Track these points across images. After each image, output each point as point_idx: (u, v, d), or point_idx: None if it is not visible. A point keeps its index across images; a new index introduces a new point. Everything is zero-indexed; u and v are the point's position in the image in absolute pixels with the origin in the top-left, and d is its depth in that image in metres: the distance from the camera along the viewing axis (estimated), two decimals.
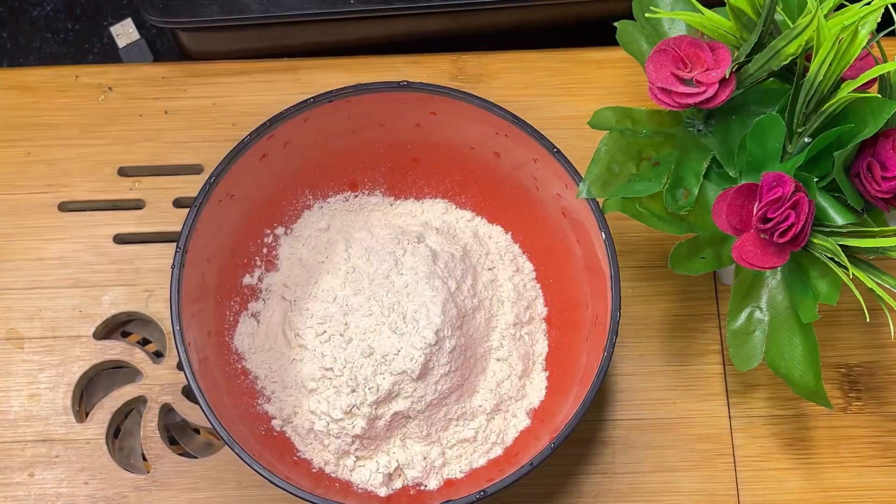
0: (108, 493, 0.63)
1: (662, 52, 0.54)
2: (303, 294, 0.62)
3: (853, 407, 0.65)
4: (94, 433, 0.64)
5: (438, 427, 0.60)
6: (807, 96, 0.52)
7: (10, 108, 0.70)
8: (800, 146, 0.54)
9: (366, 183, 0.66)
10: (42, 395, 0.65)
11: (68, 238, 0.68)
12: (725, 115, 0.56)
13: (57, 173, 0.69)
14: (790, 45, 0.52)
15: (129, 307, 0.66)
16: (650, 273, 0.67)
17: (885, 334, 0.66)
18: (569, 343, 0.62)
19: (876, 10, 0.51)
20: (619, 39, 0.60)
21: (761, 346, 0.56)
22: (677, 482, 0.63)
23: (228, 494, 0.63)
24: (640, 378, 0.65)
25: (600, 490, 0.63)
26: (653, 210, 0.56)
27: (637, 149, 0.56)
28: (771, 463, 0.64)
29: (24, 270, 0.67)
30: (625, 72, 0.71)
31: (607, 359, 0.55)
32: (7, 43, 0.82)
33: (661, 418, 0.65)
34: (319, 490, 0.55)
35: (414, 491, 0.60)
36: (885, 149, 0.52)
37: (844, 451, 0.64)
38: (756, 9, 0.54)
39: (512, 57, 0.72)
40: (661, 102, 0.54)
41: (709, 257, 0.56)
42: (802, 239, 0.51)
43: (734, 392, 0.65)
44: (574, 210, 0.60)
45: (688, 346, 0.66)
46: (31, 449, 0.64)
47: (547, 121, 0.66)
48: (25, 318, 0.66)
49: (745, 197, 0.52)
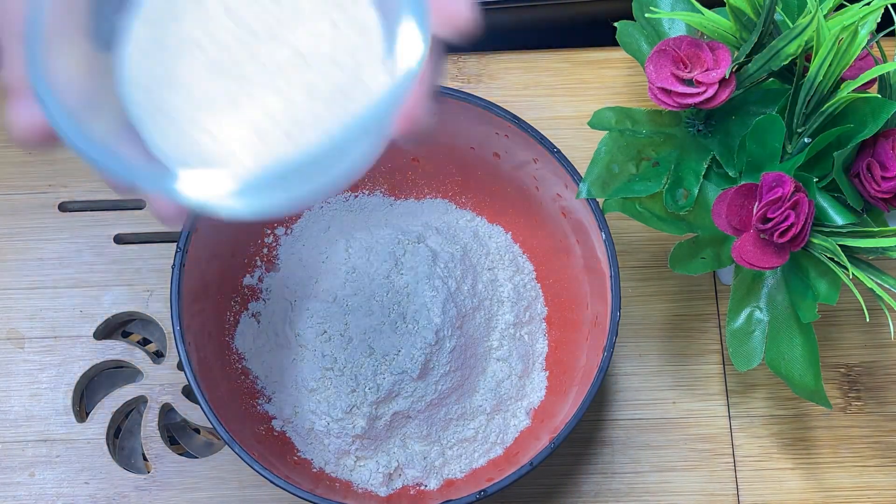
0: (108, 493, 0.63)
1: (662, 53, 0.54)
2: (303, 294, 0.62)
3: (853, 407, 0.65)
4: (95, 433, 0.64)
5: (438, 427, 0.60)
6: (807, 96, 0.52)
7: None
8: (799, 146, 0.54)
9: (366, 183, 0.66)
10: (42, 395, 0.65)
11: (69, 238, 0.68)
12: (725, 116, 0.56)
13: (57, 173, 0.69)
14: (790, 46, 0.52)
15: (129, 307, 0.66)
16: (650, 273, 0.67)
17: (885, 334, 0.66)
18: (569, 343, 0.62)
19: (875, 11, 0.51)
20: (618, 40, 0.60)
21: (761, 346, 0.56)
22: (677, 482, 0.63)
23: (229, 494, 0.63)
24: (640, 378, 0.65)
25: (600, 490, 0.63)
26: (653, 210, 0.56)
27: (637, 149, 0.56)
28: (770, 463, 0.64)
29: (24, 270, 0.67)
30: (625, 72, 0.71)
31: (607, 359, 0.55)
32: None
33: (661, 418, 0.65)
34: (319, 490, 0.55)
35: (414, 491, 0.60)
36: (884, 149, 0.52)
37: (844, 451, 0.64)
38: (756, 9, 0.54)
39: (512, 57, 0.72)
40: (661, 103, 0.54)
41: (708, 257, 0.56)
42: (802, 239, 0.51)
43: (734, 392, 0.65)
44: (574, 210, 0.60)
45: (687, 346, 0.66)
46: (32, 449, 0.64)
47: (547, 121, 0.67)
48: (26, 318, 0.66)
49: (744, 197, 0.52)
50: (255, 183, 0.32)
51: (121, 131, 0.36)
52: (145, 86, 0.36)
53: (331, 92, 0.35)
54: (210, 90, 0.35)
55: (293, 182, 0.35)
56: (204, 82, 0.35)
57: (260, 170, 0.32)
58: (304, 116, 0.35)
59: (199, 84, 0.36)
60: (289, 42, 0.35)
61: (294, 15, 0.35)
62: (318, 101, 0.35)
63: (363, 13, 0.36)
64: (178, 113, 0.36)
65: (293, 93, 0.35)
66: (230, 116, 0.35)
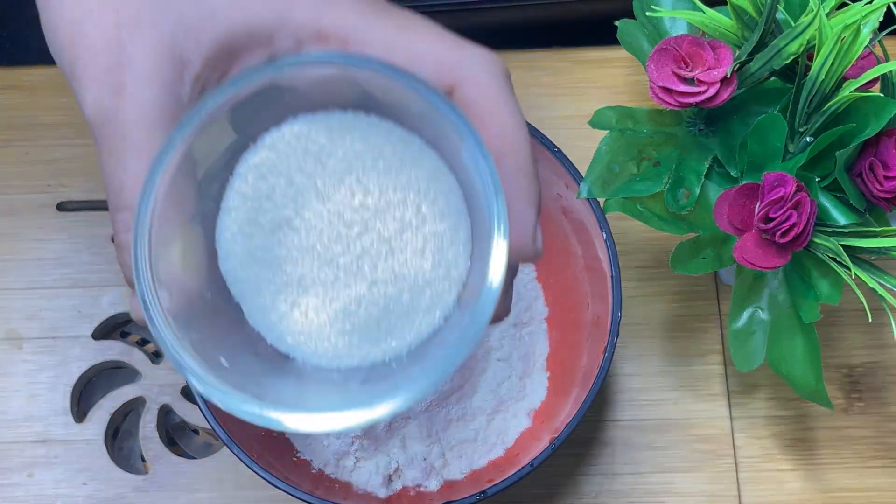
0: (107, 494, 0.63)
1: (663, 52, 0.53)
2: None
3: (855, 407, 0.65)
4: (93, 434, 0.64)
5: (438, 428, 0.60)
6: (808, 95, 0.52)
7: (8, 108, 0.70)
8: (801, 146, 0.54)
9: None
10: (41, 396, 0.64)
11: (67, 238, 0.67)
12: (727, 115, 0.56)
13: (56, 173, 0.69)
14: (792, 44, 0.52)
15: (128, 307, 0.66)
16: (651, 273, 0.67)
17: (887, 335, 0.66)
18: (569, 343, 0.62)
19: (878, 9, 0.51)
20: (619, 39, 0.60)
21: (762, 347, 0.56)
22: (678, 483, 0.63)
23: (228, 495, 0.63)
24: (641, 378, 0.65)
25: (601, 491, 0.63)
26: (654, 210, 0.55)
27: (638, 148, 0.56)
28: (772, 464, 0.64)
29: (22, 270, 0.67)
30: (626, 71, 0.71)
31: (608, 359, 0.55)
32: (6, 42, 0.82)
33: (662, 419, 0.64)
34: (319, 491, 0.55)
35: (414, 492, 0.60)
36: (887, 148, 0.52)
37: (846, 452, 0.64)
38: (758, 7, 0.53)
39: (512, 56, 0.71)
40: (662, 102, 0.53)
41: (710, 257, 0.56)
42: (804, 239, 0.51)
43: (735, 392, 0.65)
44: (575, 210, 0.60)
45: (689, 347, 0.66)
46: (30, 449, 0.63)
47: (547, 120, 0.66)
48: (24, 318, 0.66)
49: (746, 197, 0.51)
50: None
51: (218, 320, 0.39)
52: (242, 261, 0.38)
53: (418, 281, 0.38)
54: (303, 273, 0.38)
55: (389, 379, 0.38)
56: (296, 264, 0.38)
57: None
58: (394, 306, 0.38)
59: (291, 265, 0.38)
60: (376, 229, 0.37)
61: (384, 203, 0.37)
62: (406, 290, 0.38)
63: (451, 206, 0.38)
64: (272, 291, 0.38)
65: (382, 280, 0.38)
66: (321, 298, 0.38)
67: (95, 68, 0.37)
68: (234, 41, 0.37)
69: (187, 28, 0.37)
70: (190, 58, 0.37)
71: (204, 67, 0.37)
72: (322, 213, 0.37)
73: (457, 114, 0.35)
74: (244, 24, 0.37)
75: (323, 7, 0.36)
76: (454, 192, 0.38)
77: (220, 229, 0.38)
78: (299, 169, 0.37)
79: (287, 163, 0.37)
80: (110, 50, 0.37)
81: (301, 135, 0.37)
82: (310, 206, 0.37)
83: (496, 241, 0.35)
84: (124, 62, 0.37)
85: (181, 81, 0.37)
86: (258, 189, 0.38)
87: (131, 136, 0.37)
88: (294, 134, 0.37)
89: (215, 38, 0.37)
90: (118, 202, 0.37)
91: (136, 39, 0.37)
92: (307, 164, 0.37)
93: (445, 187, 0.38)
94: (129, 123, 0.37)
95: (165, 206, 0.36)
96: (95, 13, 0.37)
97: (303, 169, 0.37)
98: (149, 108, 0.37)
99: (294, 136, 0.37)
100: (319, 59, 0.35)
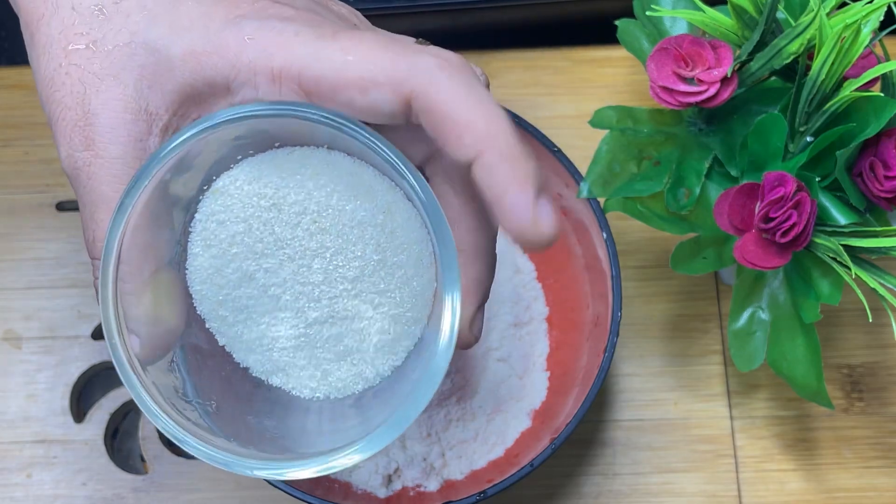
0: (106, 494, 0.63)
1: (664, 51, 0.53)
2: None
3: (855, 408, 0.65)
4: (92, 434, 0.64)
5: (438, 428, 0.60)
6: (809, 95, 0.52)
7: (7, 108, 0.70)
8: (802, 145, 0.54)
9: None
10: (40, 396, 0.64)
11: (66, 238, 0.67)
12: (727, 115, 0.56)
13: (55, 172, 0.68)
14: (792, 44, 0.52)
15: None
16: (651, 273, 0.67)
17: (888, 335, 0.66)
18: (569, 343, 0.62)
19: (878, 9, 0.51)
20: (620, 38, 0.60)
21: (763, 347, 0.56)
22: (678, 483, 0.63)
23: (227, 495, 0.63)
24: (641, 379, 0.65)
25: (601, 491, 0.63)
26: (654, 210, 0.55)
27: (638, 148, 0.56)
28: (773, 464, 0.63)
29: (21, 270, 0.67)
30: (626, 71, 0.71)
31: (608, 359, 0.55)
32: (6, 42, 0.82)
33: (663, 419, 0.64)
34: (318, 491, 0.55)
35: (413, 492, 0.60)
36: (887, 148, 0.52)
37: (847, 452, 0.64)
38: (758, 7, 0.53)
39: (512, 56, 0.71)
40: (662, 101, 0.53)
41: (710, 257, 0.56)
42: (804, 239, 0.51)
43: (736, 393, 0.65)
44: (575, 210, 0.59)
45: (689, 347, 0.66)
46: (29, 450, 0.63)
47: (547, 120, 0.66)
48: (23, 318, 0.66)
49: (746, 196, 0.51)
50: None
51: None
52: (214, 306, 0.39)
53: (385, 318, 0.39)
54: (272, 321, 0.39)
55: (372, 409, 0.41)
56: (265, 313, 0.39)
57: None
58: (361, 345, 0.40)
59: (259, 314, 0.39)
60: (338, 273, 0.38)
61: (342, 242, 0.38)
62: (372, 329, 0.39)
63: (411, 235, 0.39)
64: (250, 334, 0.40)
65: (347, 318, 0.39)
66: (294, 342, 0.39)
67: (65, 124, 0.38)
68: (196, 90, 0.38)
69: (150, 82, 0.38)
70: (156, 109, 0.38)
71: (172, 117, 0.38)
72: (283, 262, 0.38)
73: (399, 164, 0.36)
74: (200, 73, 0.37)
75: (271, 48, 0.37)
76: (413, 219, 0.39)
77: (189, 276, 0.39)
78: (255, 215, 0.38)
79: (243, 208, 0.38)
80: (77, 106, 0.38)
81: (253, 178, 0.38)
82: (271, 255, 0.38)
83: (445, 300, 0.36)
84: (90, 118, 0.38)
85: (149, 133, 0.38)
86: (219, 236, 0.38)
87: (100, 190, 0.38)
88: (246, 178, 0.38)
89: (177, 88, 0.38)
90: (92, 252, 0.39)
91: (101, 95, 0.38)
92: (262, 210, 0.38)
93: (403, 216, 0.38)
94: (97, 178, 0.38)
95: (131, 257, 0.37)
96: (63, 69, 0.38)
97: (259, 215, 0.38)
98: (117, 163, 0.38)
99: (246, 179, 0.38)
100: (260, 112, 0.36)
